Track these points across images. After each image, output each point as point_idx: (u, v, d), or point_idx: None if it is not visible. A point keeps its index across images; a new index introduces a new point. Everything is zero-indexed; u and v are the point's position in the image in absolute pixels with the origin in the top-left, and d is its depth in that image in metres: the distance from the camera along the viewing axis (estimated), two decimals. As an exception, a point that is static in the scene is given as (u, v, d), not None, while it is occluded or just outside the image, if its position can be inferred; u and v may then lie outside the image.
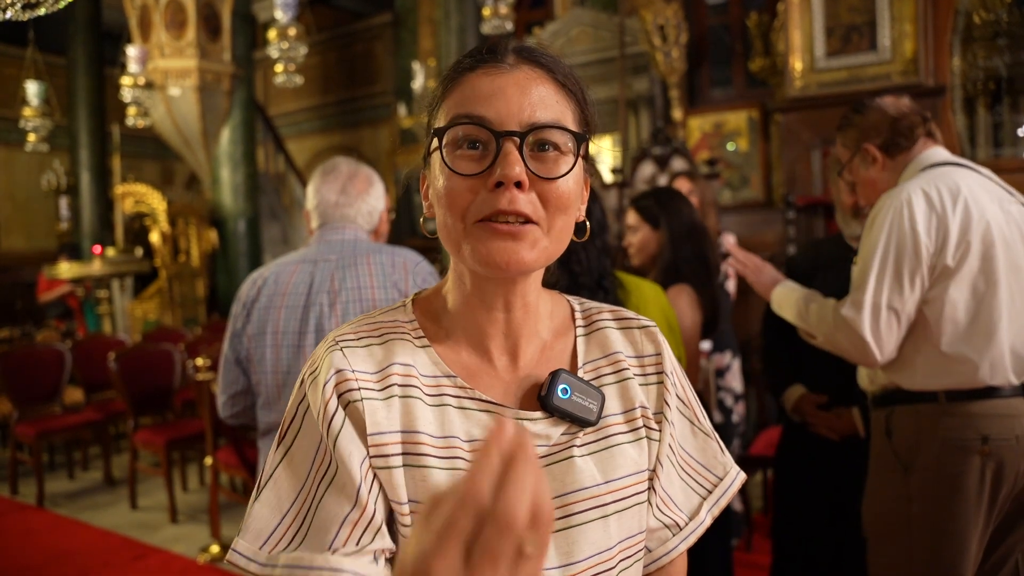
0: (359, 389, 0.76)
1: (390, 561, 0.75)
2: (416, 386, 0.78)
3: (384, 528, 0.74)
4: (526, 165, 0.73)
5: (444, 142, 0.76)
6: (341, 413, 0.75)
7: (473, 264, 0.76)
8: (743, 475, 0.91)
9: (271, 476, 0.78)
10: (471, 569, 0.42)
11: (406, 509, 0.74)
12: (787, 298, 2.08)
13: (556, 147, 0.76)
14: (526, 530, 0.43)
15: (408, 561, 0.45)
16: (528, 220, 0.74)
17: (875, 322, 1.76)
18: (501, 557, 0.42)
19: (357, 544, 0.73)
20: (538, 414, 0.80)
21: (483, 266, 0.75)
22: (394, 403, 0.77)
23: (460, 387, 0.79)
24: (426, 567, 0.43)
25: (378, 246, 2.06)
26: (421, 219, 0.84)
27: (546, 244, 0.76)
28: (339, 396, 0.76)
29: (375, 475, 0.75)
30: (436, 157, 0.77)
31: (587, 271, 1.88)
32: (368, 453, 0.75)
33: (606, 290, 1.90)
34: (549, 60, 0.79)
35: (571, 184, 0.77)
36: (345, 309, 1.93)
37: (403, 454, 0.75)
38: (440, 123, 0.78)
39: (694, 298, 2.40)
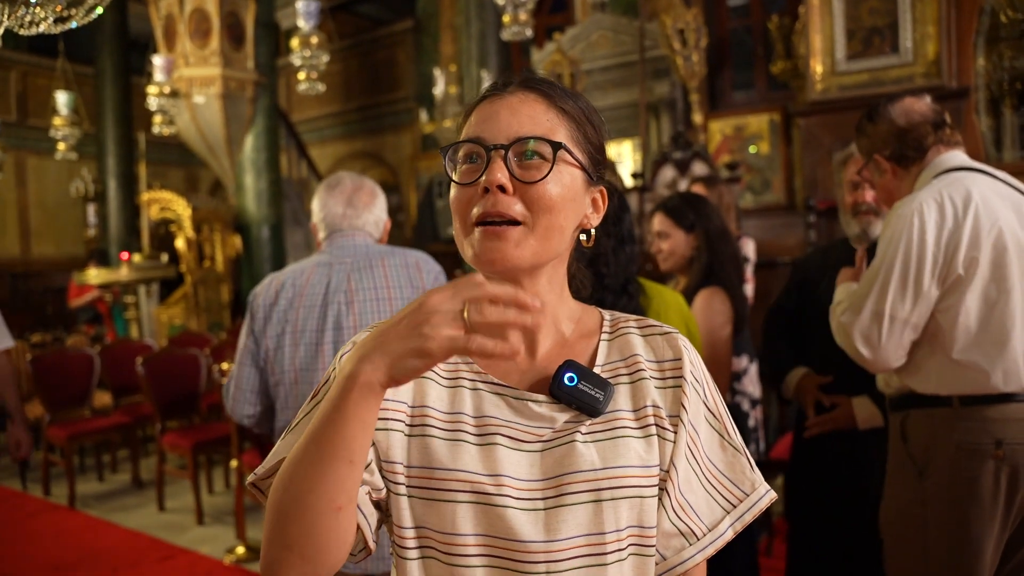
0: None
1: (377, 506, 0.85)
2: (432, 369, 0.86)
3: (375, 466, 0.83)
4: (512, 173, 0.83)
5: (447, 158, 0.89)
6: None
7: (473, 263, 0.86)
8: (773, 494, 0.91)
9: (297, 422, 0.88)
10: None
11: (399, 468, 0.83)
12: (838, 295, 2.13)
13: (541, 156, 0.85)
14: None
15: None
16: (513, 221, 0.83)
17: (874, 329, 1.76)
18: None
19: None
20: (542, 397, 0.86)
21: (478, 264, 0.85)
22: None
23: (475, 372, 0.88)
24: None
25: (390, 249, 2.14)
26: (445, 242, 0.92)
27: (533, 243, 0.84)
28: None
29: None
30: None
31: (613, 274, 1.91)
32: None
33: (630, 295, 1.93)
34: (548, 87, 0.90)
35: (554, 188, 0.85)
36: (363, 308, 2.01)
37: (410, 425, 0.85)
38: None
39: (727, 301, 2.39)
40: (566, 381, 0.84)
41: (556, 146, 0.85)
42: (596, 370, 0.88)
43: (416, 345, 0.68)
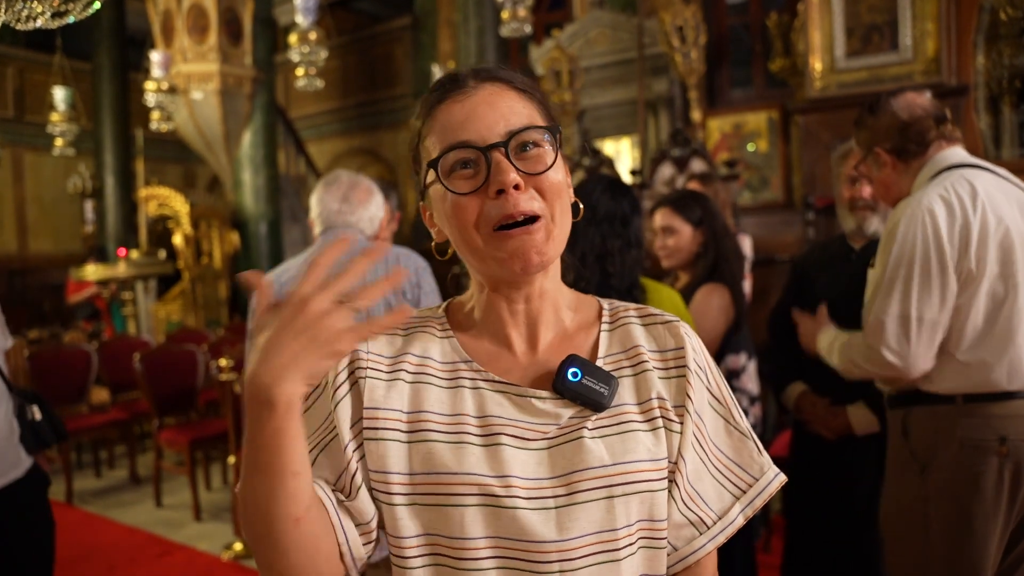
0: (366, 368, 0.86)
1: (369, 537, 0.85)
2: (429, 372, 0.87)
3: (363, 489, 0.84)
4: (516, 168, 0.82)
5: (439, 172, 0.84)
6: (346, 387, 0.86)
7: (499, 271, 0.84)
8: (782, 476, 0.90)
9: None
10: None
11: (395, 479, 0.82)
12: (823, 342, 2.12)
13: (536, 144, 0.84)
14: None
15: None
16: (534, 217, 0.82)
17: (902, 334, 1.73)
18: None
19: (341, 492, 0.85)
20: (546, 393, 0.85)
21: (509, 269, 0.83)
22: (398, 385, 0.86)
23: (475, 370, 0.87)
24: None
25: (376, 247, 2.16)
26: (432, 244, 0.92)
27: (556, 232, 0.84)
28: (349, 373, 0.87)
29: (361, 443, 0.84)
30: (435, 187, 0.86)
31: (619, 274, 1.91)
32: (362, 422, 0.84)
33: (635, 299, 1.93)
34: (506, 74, 0.88)
35: (559, 171, 0.85)
36: None
37: (408, 431, 0.84)
38: (430, 157, 0.86)
39: (728, 297, 2.39)
40: (570, 377, 0.83)
41: (554, 130, 0.85)
42: (599, 363, 0.87)
43: (327, 351, 0.71)
